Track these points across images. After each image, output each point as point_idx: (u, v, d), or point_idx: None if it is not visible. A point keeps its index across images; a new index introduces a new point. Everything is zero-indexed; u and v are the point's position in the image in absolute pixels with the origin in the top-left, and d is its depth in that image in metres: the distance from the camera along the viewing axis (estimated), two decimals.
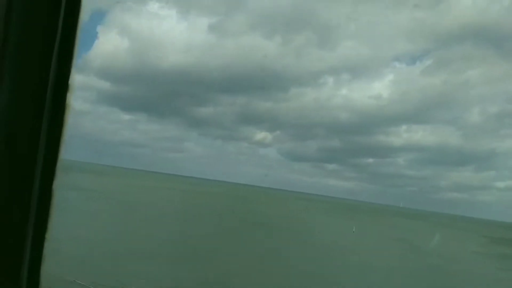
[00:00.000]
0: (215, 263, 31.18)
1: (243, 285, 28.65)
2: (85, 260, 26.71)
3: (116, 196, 74.20)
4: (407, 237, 71.61)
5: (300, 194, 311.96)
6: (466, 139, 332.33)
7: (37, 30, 0.88)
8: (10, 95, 0.88)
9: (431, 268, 41.74)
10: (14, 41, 0.86)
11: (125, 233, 39.05)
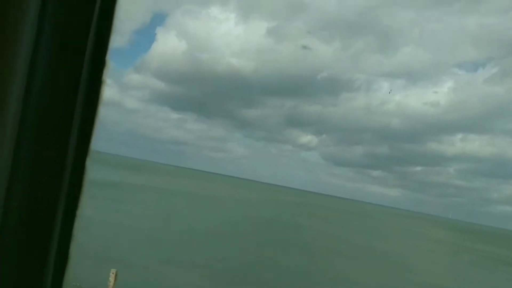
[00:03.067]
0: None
1: None
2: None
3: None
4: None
5: (340, 200, 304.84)
6: None
7: (71, 25, 0.89)
8: (41, 90, 0.88)
9: None
10: (47, 37, 0.86)
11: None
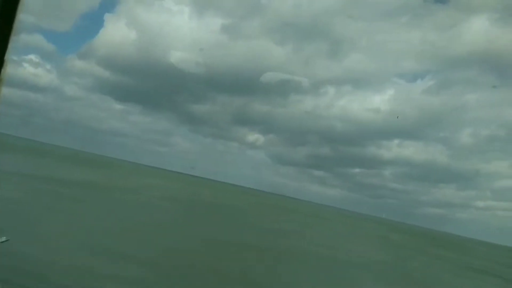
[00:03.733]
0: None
1: None
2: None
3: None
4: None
5: (283, 198, 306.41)
6: (454, 159, 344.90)
7: None
8: None
9: None
10: None
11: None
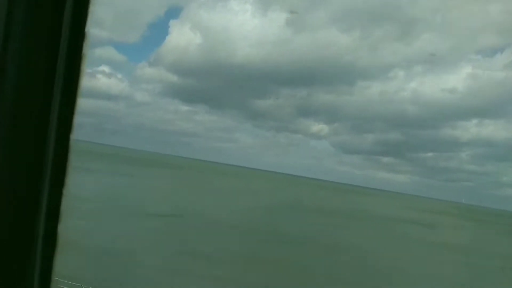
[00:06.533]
0: None
1: None
2: None
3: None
4: None
5: (348, 187, 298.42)
6: None
7: (43, 16, 0.85)
8: (15, 84, 0.85)
9: None
10: (19, 23, 0.83)
11: None
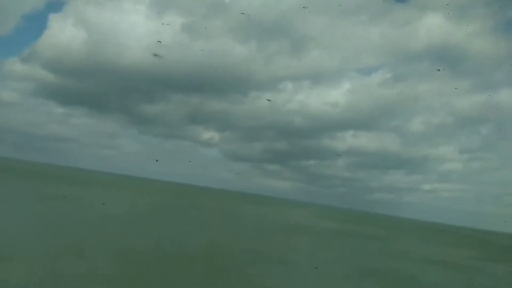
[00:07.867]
0: None
1: None
2: None
3: None
4: None
5: (231, 193, 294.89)
6: (404, 146, 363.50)
7: None
8: None
9: None
10: None
11: None
